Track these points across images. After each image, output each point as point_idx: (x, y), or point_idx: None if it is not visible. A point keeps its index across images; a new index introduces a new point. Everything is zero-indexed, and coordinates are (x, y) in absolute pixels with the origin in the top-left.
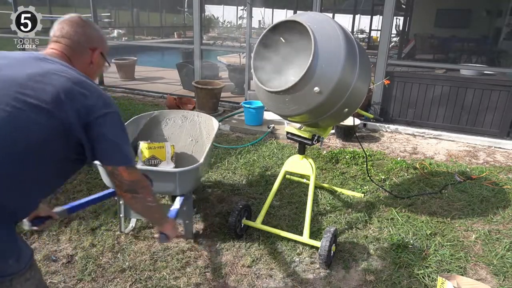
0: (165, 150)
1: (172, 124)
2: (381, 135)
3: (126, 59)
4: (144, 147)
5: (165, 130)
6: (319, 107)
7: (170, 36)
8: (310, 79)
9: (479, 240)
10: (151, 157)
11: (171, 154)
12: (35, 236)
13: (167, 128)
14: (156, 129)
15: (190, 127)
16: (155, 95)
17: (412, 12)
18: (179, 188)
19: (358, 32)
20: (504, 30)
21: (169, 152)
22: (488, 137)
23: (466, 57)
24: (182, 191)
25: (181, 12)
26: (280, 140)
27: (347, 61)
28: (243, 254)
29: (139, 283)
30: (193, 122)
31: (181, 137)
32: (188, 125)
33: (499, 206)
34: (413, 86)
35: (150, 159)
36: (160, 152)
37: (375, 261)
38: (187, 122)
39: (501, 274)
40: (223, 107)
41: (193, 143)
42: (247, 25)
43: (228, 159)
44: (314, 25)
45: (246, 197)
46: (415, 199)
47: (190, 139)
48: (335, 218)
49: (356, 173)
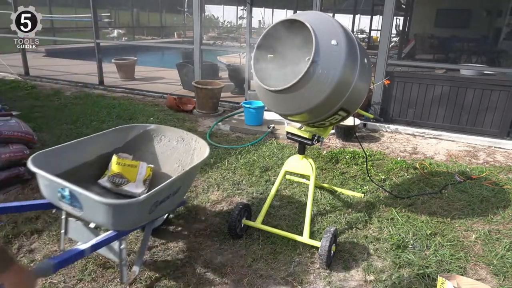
0: (137, 170)
1: (166, 143)
2: (381, 135)
3: (126, 59)
4: (114, 161)
5: (156, 148)
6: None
7: (170, 36)
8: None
9: (479, 240)
10: (117, 175)
11: (144, 177)
12: (35, 236)
13: (159, 146)
14: (145, 145)
15: (183, 151)
16: (155, 95)
17: (412, 12)
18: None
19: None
20: (504, 30)
21: (142, 173)
22: (488, 137)
23: (466, 57)
24: (113, 226)
25: (181, 12)
26: (280, 140)
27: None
28: (243, 254)
29: (139, 283)
30: (188, 147)
31: (170, 160)
32: (182, 148)
33: (499, 206)
34: (413, 86)
35: (115, 176)
36: (129, 172)
37: (375, 261)
38: (182, 144)
39: (501, 274)
40: (223, 107)
41: (179, 171)
42: (247, 25)
43: (228, 159)
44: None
45: (246, 197)
46: (415, 199)
47: (177, 165)
48: (335, 218)
49: (356, 173)
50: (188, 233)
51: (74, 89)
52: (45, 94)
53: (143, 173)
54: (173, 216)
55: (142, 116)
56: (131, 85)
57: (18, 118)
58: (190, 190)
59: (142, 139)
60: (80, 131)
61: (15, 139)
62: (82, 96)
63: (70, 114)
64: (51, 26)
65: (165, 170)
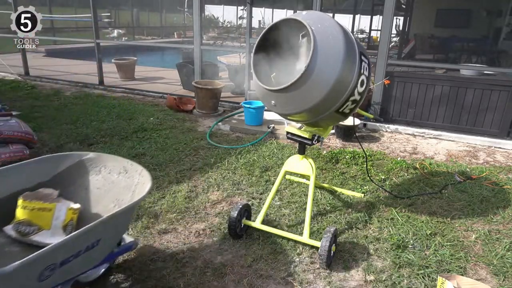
0: (52, 214)
1: (106, 175)
2: (381, 135)
3: (126, 59)
4: (19, 205)
5: (92, 182)
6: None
7: (170, 36)
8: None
9: (479, 240)
10: (23, 222)
11: (63, 222)
12: None
13: (97, 179)
14: (81, 177)
15: (124, 186)
16: (155, 95)
17: (412, 12)
18: None
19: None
20: (504, 30)
21: (60, 218)
22: (488, 137)
23: (466, 57)
24: None
25: (181, 12)
26: (280, 140)
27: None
28: (243, 254)
29: (139, 283)
30: (130, 181)
31: (107, 197)
32: (123, 182)
33: (499, 206)
34: (413, 86)
35: (20, 224)
36: (41, 217)
37: (375, 261)
38: (124, 178)
39: (501, 274)
40: (223, 107)
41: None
42: (247, 25)
43: (228, 159)
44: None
45: (246, 197)
46: (415, 199)
47: (113, 205)
48: (335, 218)
49: (356, 173)
50: (188, 233)
51: (74, 89)
52: (45, 94)
53: (61, 218)
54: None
55: (142, 116)
56: (131, 85)
57: (18, 118)
58: (190, 190)
59: (78, 170)
60: (80, 131)
61: (15, 139)
62: (82, 96)
63: (70, 114)
64: (51, 26)
65: (98, 210)
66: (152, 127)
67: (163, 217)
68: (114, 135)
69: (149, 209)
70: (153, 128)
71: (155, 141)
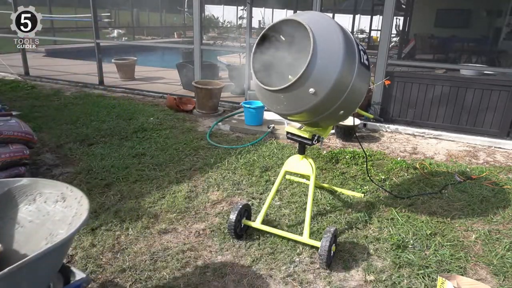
0: None
1: (40, 205)
2: (381, 135)
3: (126, 59)
4: None
5: (24, 214)
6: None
7: (170, 36)
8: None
9: (479, 240)
10: None
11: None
12: None
13: (30, 210)
14: (12, 209)
15: (60, 218)
16: (155, 95)
17: (412, 12)
18: None
19: (358, 32)
20: (504, 30)
21: None
22: (488, 137)
23: (466, 57)
24: None
25: (181, 12)
26: (280, 140)
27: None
28: (243, 254)
29: (139, 283)
30: (68, 211)
31: (39, 232)
32: (59, 213)
33: (499, 206)
34: (413, 86)
35: None
36: None
37: (375, 261)
38: (60, 208)
39: (501, 274)
40: (223, 107)
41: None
42: (247, 25)
43: (228, 159)
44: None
45: (246, 197)
46: (415, 199)
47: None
48: (335, 218)
49: (356, 173)
50: (188, 233)
51: (74, 89)
52: (45, 94)
53: None
54: None
55: (142, 116)
56: (131, 85)
57: (18, 118)
58: (190, 190)
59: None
60: (80, 131)
61: (15, 139)
62: (82, 96)
63: (70, 114)
64: (51, 26)
65: (27, 251)
66: (152, 127)
67: (163, 217)
68: (114, 135)
69: (149, 209)
70: (153, 128)
71: (155, 141)
